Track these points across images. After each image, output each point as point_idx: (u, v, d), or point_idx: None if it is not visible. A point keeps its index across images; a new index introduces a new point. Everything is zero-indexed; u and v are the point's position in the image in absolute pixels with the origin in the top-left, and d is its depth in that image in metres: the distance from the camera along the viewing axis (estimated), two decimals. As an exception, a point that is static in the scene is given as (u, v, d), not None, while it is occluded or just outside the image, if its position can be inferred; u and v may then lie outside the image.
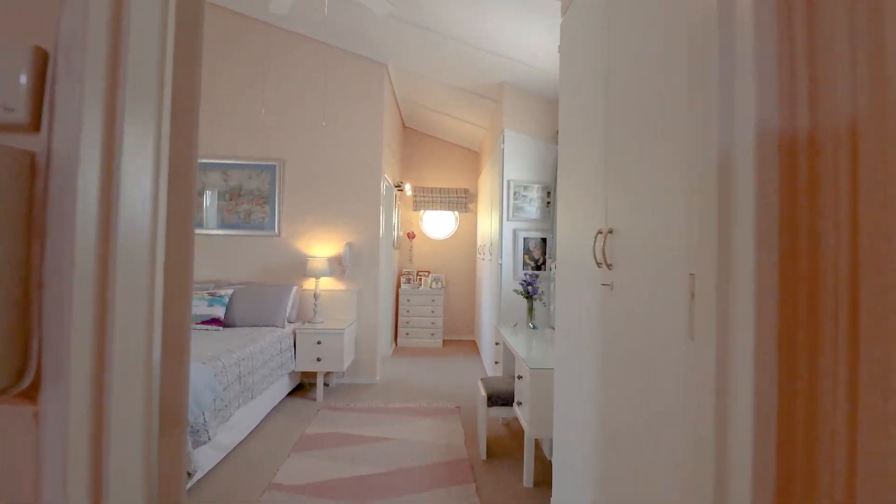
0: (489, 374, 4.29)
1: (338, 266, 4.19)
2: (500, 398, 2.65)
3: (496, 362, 3.39)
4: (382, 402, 3.66)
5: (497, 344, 3.36)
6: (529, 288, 3.36)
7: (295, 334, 3.71)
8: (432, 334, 5.78)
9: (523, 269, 3.79)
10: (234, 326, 3.64)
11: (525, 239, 3.82)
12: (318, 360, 3.67)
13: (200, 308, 3.54)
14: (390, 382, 4.24)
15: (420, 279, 6.00)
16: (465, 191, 6.24)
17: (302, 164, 4.21)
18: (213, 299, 3.61)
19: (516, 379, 2.47)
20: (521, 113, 3.86)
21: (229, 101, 4.22)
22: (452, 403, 3.68)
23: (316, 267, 3.90)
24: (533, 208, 3.85)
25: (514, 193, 3.82)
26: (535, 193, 3.85)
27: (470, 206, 6.32)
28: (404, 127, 6.31)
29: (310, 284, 4.16)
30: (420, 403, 3.65)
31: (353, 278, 4.20)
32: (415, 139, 6.33)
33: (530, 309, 3.39)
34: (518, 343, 2.84)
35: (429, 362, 5.01)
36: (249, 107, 4.22)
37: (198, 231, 4.18)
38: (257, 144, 4.22)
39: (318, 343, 3.67)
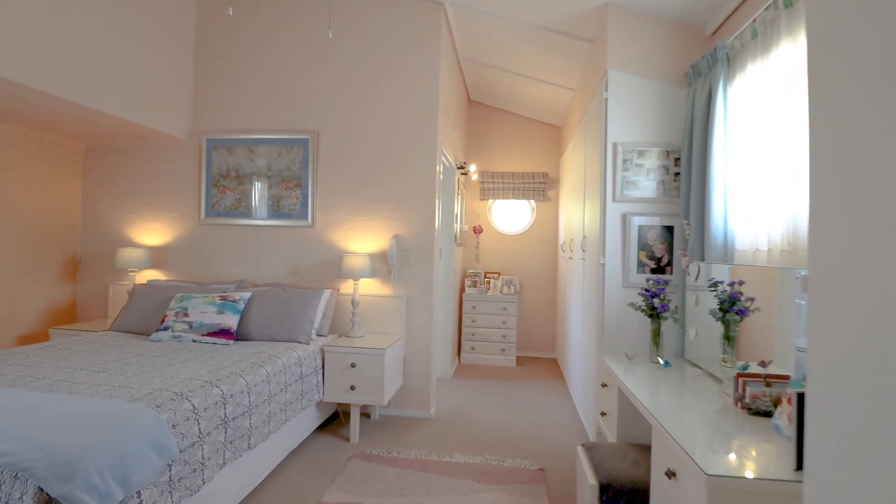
0: (584, 421, 3.13)
1: (382, 265, 3.28)
2: (624, 495, 1.53)
3: (603, 413, 2.25)
4: (436, 453, 2.67)
5: (604, 386, 2.22)
6: (654, 301, 2.18)
7: (324, 353, 2.85)
8: (503, 350, 4.71)
9: (638, 270, 2.61)
10: (248, 340, 2.85)
11: (640, 227, 2.63)
12: (352, 388, 2.77)
13: (209, 315, 2.80)
14: (449, 418, 3.24)
15: (488, 282, 4.96)
16: (544, 175, 5.09)
17: (339, 137, 3.36)
18: (225, 304, 2.85)
19: (665, 476, 1.35)
20: (636, 45, 2.68)
21: (251, 61, 3.49)
22: (534, 459, 2.59)
23: (354, 266, 3.01)
24: (651, 182, 2.65)
25: (624, 162, 2.65)
26: (653, 160, 2.65)
27: (550, 192, 5.16)
28: (470, 102, 5.31)
29: (348, 288, 3.30)
30: (488, 457, 2.60)
31: (401, 281, 3.27)
32: (482, 115, 5.31)
33: (656, 334, 2.21)
34: (649, 395, 1.70)
35: (499, 389, 3.95)
36: (276, 68, 3.46)
37: (223, 221, 3.49)
38: (285, 113, 3.45)
39: (352, 366, 2.77)
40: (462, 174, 4.72)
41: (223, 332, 2.75)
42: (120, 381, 1.91)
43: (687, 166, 2.50)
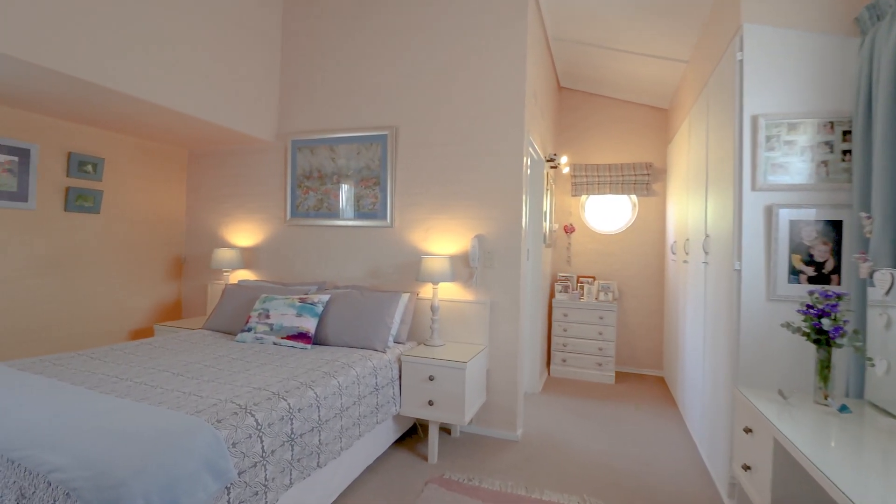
0: (709, 467, 2.56)
1: (463, 268, 3.01)
2: None
3: (746, 467, 1.72)
4: (523, 486, 2.31)
5: (748, 431, 1.70)
6: (823, 322, 1.62)
7: (401, 362, 2.64)
8: (599, 365, 4.18)
9: (790, 279, 2.01)
10: (325, 345, 2.74)
11: (792, 223, 2.04)
12: (430, 403, 2.53)
13: (288, 318, 2.74)
14: (538, 442, 2.87)
15: (582, 288, 4.46)
16: (648, 165, 4.46)
17: (418, 131, 3.15)
18: (304, 307, 2.77)
19: None
20: (784, -12, 2.09)
21: (330, 58, 3.42)
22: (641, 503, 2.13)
23: (433, 269, 2.77)
24: (806, 164, 2.04)
25: (768, 140, 2.07)
26: (810, 136, 2.03)
27: (654, 186, 4.51)
28: (560, 88, 4.85)
29: (427, 292, 3.07)
30: (586, 499, 2.19)
31: (484, 285, 2.96)
32: (574, 102, 4.81)
33: (825, 366, 1.64)
34: (829, 458, 1.20)
35: (596, 409, 3.46)
36: (354, 63, 3.35)
37: (307, 222, 3.48)
38: (364, 110, 3.32)
39: (430, 379, 2.53)
40: (552, 167, 4.29)
41: (301, 336, 2.66)
42: (192, 387, 1.85)
43: (864, 141, 1.86)
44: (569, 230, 4.72)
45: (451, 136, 3.05)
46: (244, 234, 3.76)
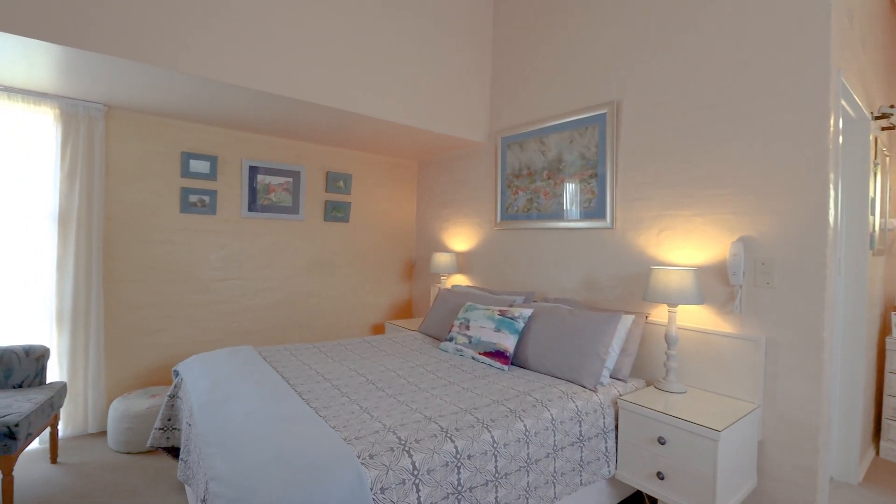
0: None
1: (718, 285, 2.11)
2: None
3: None
4: None
5: None
6: None
7: (617, 407, 2.00)
8: None
9: None
10: (524, 367, 2.34)
11: None
12: (660, 476, 1.80)
13: (486, 331, 2.46)
14: (860, 578, 1.72)
15: (953, 323, 2.68)
16: None
17: (648, 101, 2.40)
18: (503, 321, 2.44)
19: None
20: None
21: (539, 36, 2.99)
22: None
23: (667, 285, 2.01)
24: None
25: None
26: None
27: None
28: (894, 5, 3.10)
29: (661, 314, 2.30)
30: None
31: (755, 312, 1.99)
32: (936, 23, 2.98)
33: None
34: None
35: None
36: (565, 35, 2.83)
37: (516, 225, 3.17)
38: (577, 88, 2.76)
39: (661, 442, 1.80)
40: (884, 128, 2.73)
41: (498, 355, 2.34)
42: (372, 401, 1.74)
43: None
44: (923, 228, 2.94)
45: (695, 100, 2.19)
46: (460, 239, 3.74)
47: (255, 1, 2.36)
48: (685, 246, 2.22)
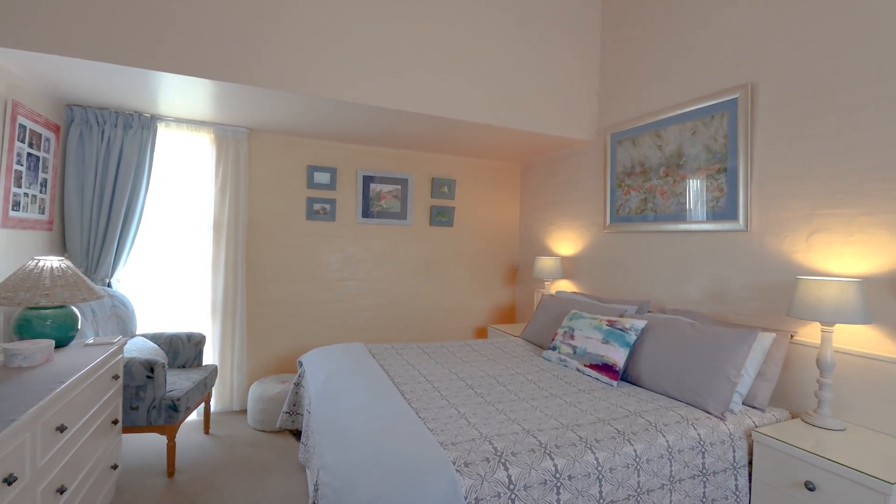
0: None
1: (891, 300, 1.70)
2: None
3: None
4: None
5: None
6: None
7: (751, 441, 1.72)
8: None
9: None
10: (637, 385, 2.14)
11: None
12: (808, 526, 1.50)
13: (593, 342, 2.31)
14: None
15: None
16: None
17: (791, 80, 2.03)
18: (612, 332, 2.27)
19: None
20: None
21: (655, 19, 2.71)
22: None
23: (821, 298, 1.68)
24: None
25: None
26: None
27: None
28: None
29: (812, 335, 1.93)
30: None
31: (950, 337, 1.56)
32: None
33: None
34: None
35: None
36: (686, 14, 2.52)
37: (628, 227, 2.94)
38: (701, 73, 2.45)
39: (809, 488, 1.50)
40: None
41: (606, 368, 2.18)
42: (470, 406, 1.74)
43: None
44: None
45: (853, 76, 1.78)
46: (565, 243, 3.59)
47: (375, 29, 2.53)
48: (845, 253, 1.84)
